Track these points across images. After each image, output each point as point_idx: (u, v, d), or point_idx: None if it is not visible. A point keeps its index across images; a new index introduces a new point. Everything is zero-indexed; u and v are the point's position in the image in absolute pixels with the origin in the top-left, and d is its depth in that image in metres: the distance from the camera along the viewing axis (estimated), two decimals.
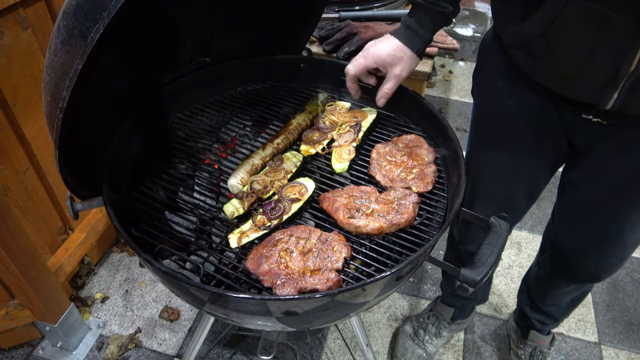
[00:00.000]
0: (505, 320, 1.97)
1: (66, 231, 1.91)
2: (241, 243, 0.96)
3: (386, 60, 1.10)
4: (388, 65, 1.11)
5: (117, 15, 0.70)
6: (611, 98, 0.89)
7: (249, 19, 1.30)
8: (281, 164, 1.12)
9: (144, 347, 1.83)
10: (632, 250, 1.21)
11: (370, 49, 1.12)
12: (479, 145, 1.27)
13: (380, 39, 1.12)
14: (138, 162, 1.14)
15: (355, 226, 0.95)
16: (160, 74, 1.26)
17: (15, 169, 1.57)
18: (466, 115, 3.15)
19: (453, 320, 1.79)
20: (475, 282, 0.82)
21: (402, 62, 1.10)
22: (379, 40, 1.11)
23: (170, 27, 1.20)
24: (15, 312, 1.68)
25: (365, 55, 1.12)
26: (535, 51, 0.96)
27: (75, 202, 0.97)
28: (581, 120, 1.00)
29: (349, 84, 1.20)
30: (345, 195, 1.02)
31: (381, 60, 1.10)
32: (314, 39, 1.71)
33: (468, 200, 1.30)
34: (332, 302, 0.84)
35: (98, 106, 1.06)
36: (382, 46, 1.10)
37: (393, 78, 1.12)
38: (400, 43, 1.08)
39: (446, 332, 1.81)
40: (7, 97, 1.45)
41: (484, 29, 4.16)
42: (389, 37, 1.10)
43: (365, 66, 1.13)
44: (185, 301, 1.02)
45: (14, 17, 1.41)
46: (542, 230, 2.32)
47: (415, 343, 1.79)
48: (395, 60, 1.09)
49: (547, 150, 1.15)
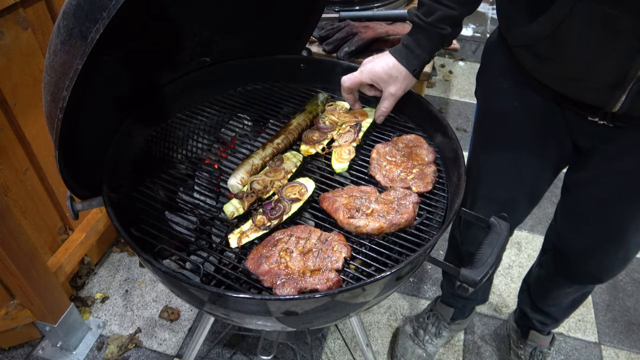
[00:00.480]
0: (505, 320, 1.97)
1: (66, 231, 1.91)
2: (241, 243, 0.96)
3: (382, 78, 1.10)
4: (383, 82, 1.11)
5: (117, 15, 0.70)
6: (619, 100, 0.89)
7: (249, 19, 1.30)
8: (281, 164, 1.12)
9: (144, 347, 1.83)
10: (636, 252, 1.21)
11: (367, 65, 1.12)
12: (482, 146, 1.27)
13: (378, 55, 1.12)
14: (138, 162, 1.14)
15: (355, 226, 0.95)
16: (160, 74, 1.26)
17: (15, 169, 1.57)
18: (466, 115, 3.15)
19: (453, 320, 1.79)
20: (475, 282, 0.82)
21: (397, 82, 1.10)
22: (377, 57, 1.12)
23: (170, 27, 1.20)
24: (15, 312, 1.68)
25: (361, 70, 1.13)
26: (542, 52, 0.96)
27: (75, 202, 0.97)
28: (586, 122, 1.00)
29: (344, 95, 1.21)
30: (345, 195, 1.02)
31: (377, 77, 1.10)
32: (314, 39, 1.71)
33: (469, 200, 1.29)
34: (332, 302, 0.84)
35: (98, 106, 1.06)
36: (379, 63, 1.10)
37: (389, 97, 1.13)
38: (397, 62, 1.08)
39: (446, 332, 1.81)
40: (7, 97, 1.45)
41: (484, 29, 4.16)
42: (386, 55, 1.10)
43: (359, 81, 1.14)
44: (185, 301, 1.02)
45: (14, 17, 1.41)
46: (542, 230, 2.33)
47: (415, 343, 1.79)
48: (391, 79, 1.09)
49: (550, 151, 1.15)
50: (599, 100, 0.93)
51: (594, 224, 1.19)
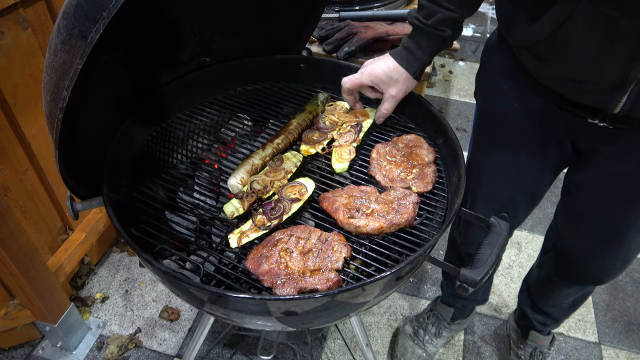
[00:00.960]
0: (505, 321, 1.97)
1: (66, 231, 1.91)
2: (241, 243, 0.96)
3: (382, 80, 1.10)
4: (384, 84, 1.11)
5: (117, 15, 0.70)
6: (619, 102, 0.89)
7: (249, 19, 1.30)
8: (281, 164, 1.12)
9: (144, 347, 1.83)
10: (637, 253, 1.21)
11: (368, 67, 1.12)
12: (482, 147, 1.27)
13: (379, 57, 1.12)
14: (138, 162, 1.14)
15: (355, 226, 0.95)
16: (160, 74, 1.26)
17: (15, 169, 1.57)
18: (466, 115, 3.15)
19: (453, 320, 1.79)
20: (475, 282, 0.82)
21: (397, 84, 1.10)
22: (378, 59, 1.12)
23: (170, 27, 1.20)
24: (15, 312, 1.68)
25: (362, 72, 1.13)
26: (543, 53, 0.95)
27: (75, 202, 0.97)
28: (586, 124, 0.99)
29: (344, 96, 1.21)
30: (345, 195, 1.02)
31: (377, 79, 1.11)
32: (314, 39, 1.71)
33: (470, 200, 1.29)
34: (332, 302, 0.84)
35: (98, 106, 1.06)
36: (379, 65, 1.10)
37: (389, 99, 1.13)
38: (397, 64, 1.08)
39: (446, 332, 1.81)
40: (7, 97, 1.45)
41: (483, 29, 4.16)
42: (387, 57, 1.10)
43: (360, 82, 1.14)
44: (185, 301, 1.02)
45: (14, 17, 1.41)
46: (542, 230, 2.32)
47: (415, 343, 1.79)
48: (392, 81, 1.10)
49: (550, 152, 1.15)
50: (600, 102, 0.92)
51: (594, 225, 1.19)
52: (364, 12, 1.81)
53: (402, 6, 2.00)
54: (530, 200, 1.30)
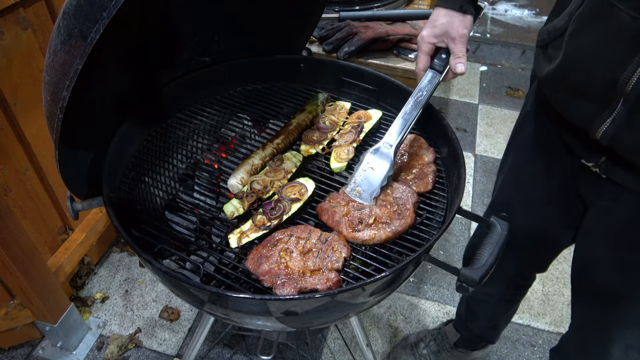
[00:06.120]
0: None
1: (66, 231, 1.91)
2: (241, 243, 0.96)
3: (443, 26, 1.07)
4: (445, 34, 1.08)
5: (117, 15, 0.70)
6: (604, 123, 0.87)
7: (249, 19, 1.30)
8: (281, 164, 1.12)
9: (144, 347, 1.83)
10: None
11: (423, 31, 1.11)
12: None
13: None
14: (138, 162, 1.14)
15: (362, 240, 0.94)
16: (160, 74, 1.26)
17: (15, 169, 1.57)
18: (466, 115, 3.15)
19: (456, 347, 1.74)
20: (475, 282, 0.82)
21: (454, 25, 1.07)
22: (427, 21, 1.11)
23: (170, 27, 1.20)
24: (15, 312, 1.68)
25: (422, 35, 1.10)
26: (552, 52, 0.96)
27: (75, 202, 0.97)
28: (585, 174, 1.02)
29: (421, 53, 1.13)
30: (342, 202, 1.01)
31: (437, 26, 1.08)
32: (314, 39, 1.71)
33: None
34: (332, 302, 0.84)
35: (98, 106, 1.06)
36: (431, 18, 1.09)
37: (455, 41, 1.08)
38: (443, 8, 1.07)
39: (446, 355, 1.75)
40: (7, 97, 1.45)
41: (484, 29, 4.16)
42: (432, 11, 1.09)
43: (432, 33, 1.09)
44: (185, 301, 1.02)
45: (14, 17, 1.42)
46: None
47: (412, 353, 1.77)
48: (447, 25, 1.07)
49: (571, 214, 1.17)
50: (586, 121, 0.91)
51: None
52: (364, 12, 1.81)
53: (402, 6, 2.00)
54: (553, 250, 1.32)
